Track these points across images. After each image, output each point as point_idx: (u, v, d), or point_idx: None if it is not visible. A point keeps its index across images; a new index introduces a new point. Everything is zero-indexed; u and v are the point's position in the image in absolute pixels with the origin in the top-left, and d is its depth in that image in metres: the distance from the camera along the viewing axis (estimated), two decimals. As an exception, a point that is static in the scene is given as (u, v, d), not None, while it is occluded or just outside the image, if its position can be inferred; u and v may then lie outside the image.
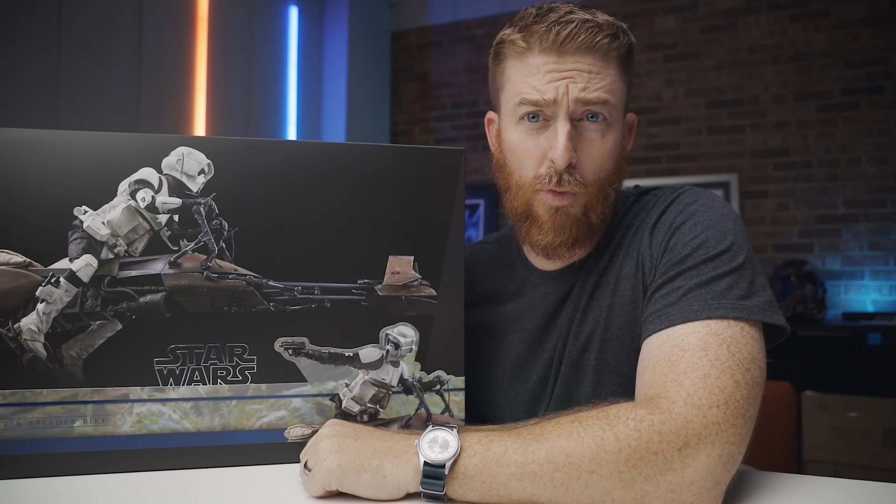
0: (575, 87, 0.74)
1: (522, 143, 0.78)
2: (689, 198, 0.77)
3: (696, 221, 0.73)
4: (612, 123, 0.77)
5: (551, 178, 0.75)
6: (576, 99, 0.74)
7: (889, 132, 2.92)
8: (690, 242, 0.72)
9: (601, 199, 0.78)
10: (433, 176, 0.76)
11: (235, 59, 3.04)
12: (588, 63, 0.74)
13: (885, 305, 2.89)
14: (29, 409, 0.66)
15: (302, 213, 0.72)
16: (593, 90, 0.74)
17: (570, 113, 0.74)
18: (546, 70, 0.75)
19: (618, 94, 0.76)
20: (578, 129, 0.76)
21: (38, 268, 0.66)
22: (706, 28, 3.26)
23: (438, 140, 3.78)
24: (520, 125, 0.78)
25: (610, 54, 0.75)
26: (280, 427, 0.71)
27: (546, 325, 0.85)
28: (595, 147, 0.76)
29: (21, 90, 2.16)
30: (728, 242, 0.70)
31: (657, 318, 0.68)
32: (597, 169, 0.77)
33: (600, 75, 0.75)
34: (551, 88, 0.74)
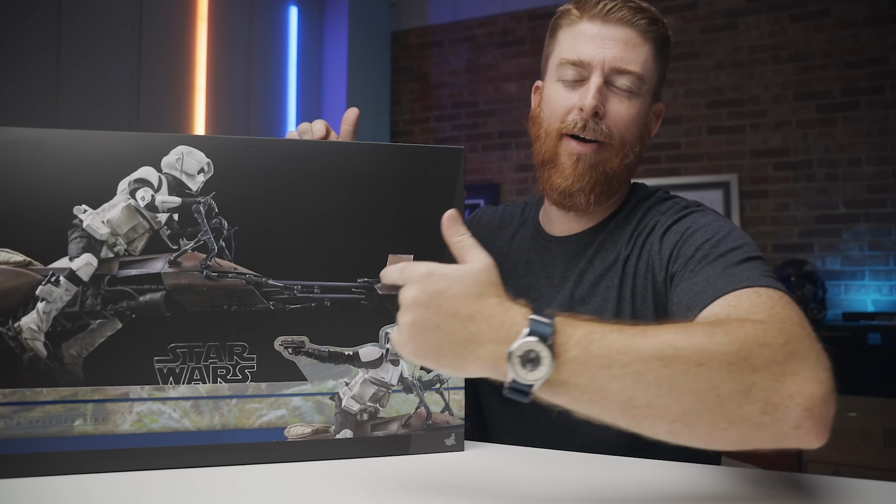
0: (611, 54, 0.83)
1: (557, 95, 0.86)
2: (701, 215, 0.83)
3: (710, 228, 0.78)
4: (640, 95, 0.85)
5: (577, 123, 0.83)
6: (611, 65, 0.83)
7: (889, 132, 2.92)
8: (710, 240, 0.76)
9: (620, 156, 0.85)
10: (433, 175, 0.76)
11: (235, 59, 3.04)
12: (627, 35, 0.84)
13: (885, 305, 2.89)
14: (29, 408, 0.66)
15: (302, 212, 0.72)
16: (627, 61, 0.83)
17: (604, 74, 0.83)
18: (590, 35, 0.84)
19: (649, 71, 0.85)
20: (610, 90, 0.84)
21: (38, 267, 0.66)
22: (706, 28, 3.26)
23: (438, 140, 3.78)
24: (560, 83, 0.87)
25: (647, 35, 0.85)
26: (280, 426, 0.71)
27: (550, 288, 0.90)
28: (623, 106, 0.84)
29: (21, 90, 2.16)
30: (740, 243, 0.75)
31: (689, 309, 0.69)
32: (622, 125, 0.84)
33: (636, 50, 0.84)
34: (590, 51, 0.83)
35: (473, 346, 0.54)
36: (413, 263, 0.58)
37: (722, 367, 0.51)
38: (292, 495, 0.61)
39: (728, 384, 0.51)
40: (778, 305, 0.62)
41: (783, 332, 0.55)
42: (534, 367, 0.52)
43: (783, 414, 0.51)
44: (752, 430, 0.52)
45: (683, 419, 0.51)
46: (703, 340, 0.52)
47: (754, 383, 0.51)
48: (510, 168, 3.62)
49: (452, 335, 0.54)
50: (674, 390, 0.51)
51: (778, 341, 0.54)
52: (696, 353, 0.52)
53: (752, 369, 0.52)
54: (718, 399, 0.51)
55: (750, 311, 0.62)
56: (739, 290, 0.66)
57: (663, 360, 0.51)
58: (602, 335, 0.53)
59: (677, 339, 0.52)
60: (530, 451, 0.75)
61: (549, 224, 0.95)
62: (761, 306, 0.62)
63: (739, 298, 0.65)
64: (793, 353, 0.53)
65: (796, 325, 0.58)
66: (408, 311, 0.56)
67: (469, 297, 0.55)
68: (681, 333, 0.53)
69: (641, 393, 0.51)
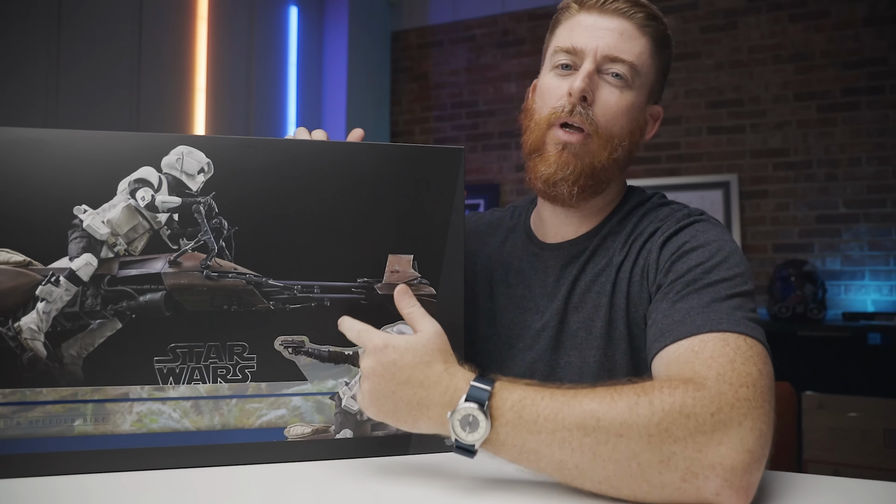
0: (605, 43, 0.82)
1: (549, 84, 0.85)
2: (703, 227, 0.80)
3: (708, 249, 0.76)
4: (633, 88, 0.83)
5: (564, 108, 0.81)
6: (604, 53, 0.81)
7: (889, 132, 2.92)
8: (704, 265, 0.74)
9: (608, 150, 0.82)
10: (433, 175, 0.76)
11: (235, 59, 3.04)
12: (622, 26, 0.83)
13: (885, 305, 2.89)
14: (29, 408, 0.66)
15: (302, 212, 0.72)
16: (621, 50, 0.82)
17: (596, 62, 0.81)
18: (586, 25, 0.83)
19: (644, 65, 0.83)
20: (601, 79, 0.82)
21: (37, 267, 0.66)
22: (706, 28, 3.26)
23: (438, 140, 3.78)
24: (553, 71, 0.85)
25: (644, 29, 0.83)
26: (280, 426, 0.71)
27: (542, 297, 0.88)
28: (613, 97, 0.82)
29: (21, 90, 2.16)
30: (734, 272, 0.73)
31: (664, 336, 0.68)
32: (610, 116, 0.82)
33: (631, 41, 0.82)
34: (583, 39, 0.82)
35: (424, 409, 0.62)
36: (370, 332, 0.67)
37: (641, 439, 0.55)
38: (292, 495, 0.61)
39: (647, 454, 0.55)
40: (740, 360, 0.61)
41: (717, 400, 0.57)
42: (472, 430, 0.59)
43: (703, 483, 0.54)
44: (675, 494, 0.55)
45: (609, 483, 0.56)
46: (625, 412, 0.56)
47: (675, 453, 0.55)
48: (510, 168, 3.62)
49: (406, 400, 0.63)
50: (597, 458, 0.56)
51: (708, 411, 0.56)
52: (616, 424, 0.56)
53: (673, 440, 0.55)
54: (639, 467, 0.55)
55: (706, 364, 0.61)
56: (710, 333, 0.65)
57: (585, 429, 0.56)
58: (533, 401, 0.59)
59: (600, 410, 0.57)
60: (530, 451, 0.75)
61: (542, 230, 0.93)
62: (722, 358, 0.61)
63: (704, 345, 0.64)
64: (722, 423, 0.56)
65: (745, 385, 0.59)
66: (367, 380, 0.65)
67: (419, 366, 0.63)
68: (605, 403, 0.57)
69: (568, 457, 0.57)
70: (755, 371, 0.61)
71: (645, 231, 0.84)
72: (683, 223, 0.81)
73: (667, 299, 0.73)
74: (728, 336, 0.64)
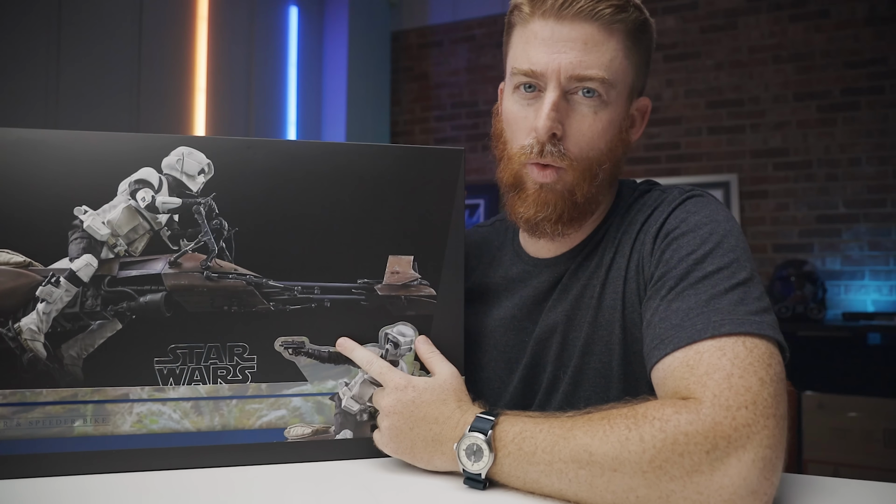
0: (567, 60, 0.71)
1: (514, 113, 0.77)
2: (693, 206, 0.74)
3: (700, 233, 0.70)
4: (609, 102, 0.73)
5: (533, 147, 0.73)
6: (568, 73, 0.71)
7: (889, 132, 2.92)
8: (696, 252, 0.68)
9: (588, 178, 0.75)
10: (433, 176, 0.76)
11: (235, 59, 3.04)
12: (586, 32, 0.71)
13: (885, 305, 2.89)
14: (29, 409, 0.66)
15: (302, 213, 0.72)
16: (587, 65, 0.71)
17: (561, 85, 0.72)
18: (542, 37, 0.72)
19: (618, 71, 0.73)
20: (570, 102, 0.73)
21: (38, 267, 0.67)
22: (706, 28, 3.26)
23: (438, 140, 3.78)
24: (515, 94, 0.76)
25: (614, 26, 0.72)
26: (280, 426, 0.71)
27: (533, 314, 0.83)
28: (585, 122, 0.73)
29: (21, 90, 2.16)
30: (730, 258, 0.67)
31: (662, 343, 0.64)
32: (584, 145, 0.74)
33: (599, 48, 0.71)
34: (543, 59, 0.72)
35: (438, 445, 0.65)
36: (392, 372, 0.70)
37: (636, 475, 0.55)
38: (292, 496, 0.61)
39: (644, 489, 0.55)
40: (738, 373, 0.57)
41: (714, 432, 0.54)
42: (477, 460, 0.61)
43: None
44: None
45: None
46: (616, 447, 0.56)
47: (673, 491, 0.54)
48: (510, 168, 3.62)
49: (422, 437, 0.66)
50: (594, 489, 0.57)
51: (703, 449, 0.54)
52: (609, 459, 0.56)
53: (670, 478, 0.54)
54: (637, 500, 0.55)
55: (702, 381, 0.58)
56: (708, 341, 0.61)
57: (579, 462, 0.57)
58: (532, 434, 0.60)
59: (592, 445, 0.57)
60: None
61: (533, 245, 0.85)
62: (717, 374, 0.58)
63: (700, 357, 0.60)
64: (719, 460, 0.54)
65: (743, 406, 0.55)
66: (387, 417, 0.68)
67: (435, 403, 0.67)
68: (597, 438, 0.57)
69: (566, 487, 0.58)
70: (755, 383, 0.57)
71: (635, 221, 0.78)
72: (674, 204, 0.75)
73: (659, 297, 0.68)
74: (726, 343, 0.60)
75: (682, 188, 0.79)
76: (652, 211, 0.77)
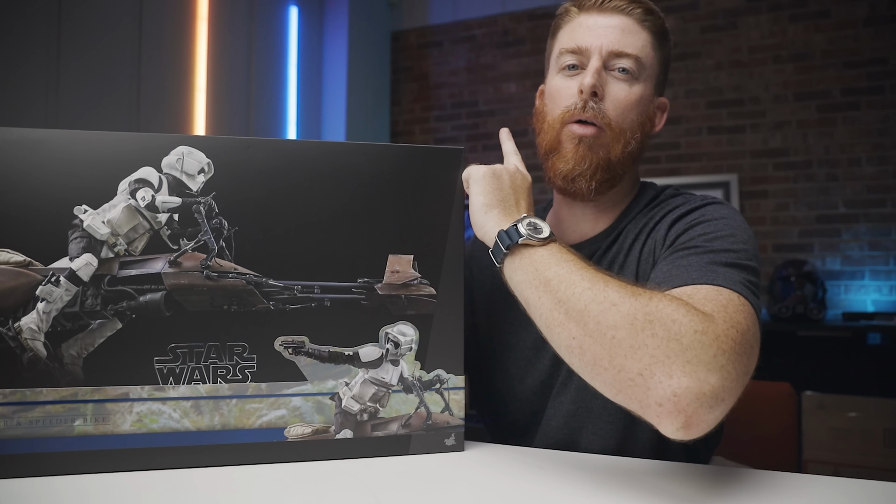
0: (608, 39, 0.84)
1: (558, 86, 0.88)
2: (714, 208, 0.82)
3: (716, 223, 0.77)
4: (640, 80, 0.86)
5: (577, 104, 0.84)
6: (609, 49, 0.84)
7: (889, 132, 2.92)
8: (708, 234, 0.75)
9: (622, 142, 0.85)
10: (433, 175, 0.76)
11: (235, 59, 3.04)
12: (623, 22, 0.85)
13: (885, 305, 2.89)
14: (29, 408, 0.66)
15: (302, 212, 0.72)
16: (625, 45, 0.84)
17: (603, 58, 0.84)
18: (587, 25, 0.86)
19: (648, 57, 0.86)
20: (609, 75, 0.85)
21: (38, 267, 0.67)
22: (706, 28, 3.26)
23: (438, 140, 3.78)
24: (560, 73, 0.88)
25: (644, 23, 0.86)
26: (280, 426, 0.71)
27: None
28: (621, 92, 0.85)
29: (21, 90, 2.16)
30: (739, 248, 0.73)
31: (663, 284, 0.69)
32: (620, 111, 0.84)
33: (633, 35, 0.85)
34: (588, 39, 0.85)
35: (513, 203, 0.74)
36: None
37: (627, 316, 0.58)
38: (292, 495, 0.61)
39: (625, 332, 0.57)
40: (731, 308, 0.61)
41: (707, 324, 0.57)
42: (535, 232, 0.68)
43: (653, 385, 0.54)
44: (625, 385, 0.56)
45: (580, 341, 0.60)
46: (627, 291, 0.60)
47: (646, 345, 0.56)
48: (510, 168, 3.62)
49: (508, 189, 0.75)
50: (586, 313, 0.60)
51: (693, 327, 0.56)
52: (616, 295, 0.59)
53: (651, 334, 0.56)
54: (612, 340, 0.57)
55: (700, 303, 0.61)
56: (705, 285, 0.65)
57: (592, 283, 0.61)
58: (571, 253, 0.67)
59: (611, 280, 0.62)
60: (530, 451, 0.75)
61: (560, 230, 0.94)
62: (713, 303, 0.62)
63: (697, 290, 0.65)
64: (699, 343, 0.55)
65: (734, 328, 0.58)
66: (489, 167, 0.76)
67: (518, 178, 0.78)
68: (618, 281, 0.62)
69: (566, 299, 0.61)
70: (744, 323, 0.60)
71: (656, 216, 0.86)
72: (696, 205, 0.83)
73: (665, 261, 0.75)
74: (722, 289, 0.64)
75: (707, 196, 0.87)
76: (674, 207, 0.86)
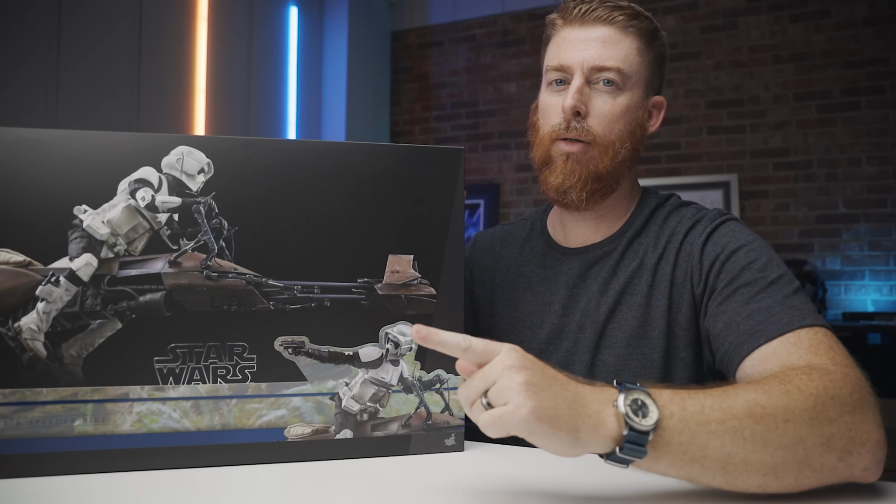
0: (589, 54, 0.85)
1: (547, 103, 0.89)
2: (736, 227, 0.84)
3: (751, 249, 0.80)
4: (626, 89, 0.86)
5: (561, 124, 0.85)
6: (590, 65, 0.84)
7: (889, 132, 2.92)
8: (755, 263, 0.78)
9: (610, 154, 0.85)
10: (433, 175, 0.76)
11: (235, 59, 3.04)
12: (604, 33, 0.85)
13: (885, 305, 2.89)
14: (29, 408, 0.66)
15: (302, 213, 0.72)
16: (606, 58, 0.84)
17: (585, 75, 0.85)
18: (570, 39, 0.87)
19: (633, 65, 0.86)
20: (593, 89, 0.86)
21: (38, 267, 0.66)
22: (706, 28, 3.26)
23: (438, 140, 3.78)
24: (548, 88, 0.89)
25: (627, 30, 0.86)
26: (280, 426, 0.71)
27: (568, 300, 0.90)
28: (606, 106, 0.85)
29: (21, 90, 2.16)
30: (783, 269, 0.78)
31: (752, 337, 0.71)
32: (606, 124, 0.85)
33: (615, 46, 0.85)
34: (570, 55, 0.86)
35: (580, 406, 0.53)
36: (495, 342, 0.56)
37: (805, 423, 0.56)
38: (292, 495, 0.61)
39: (811, 437, 0.56)
40: (835, 347, 0.67)
41: (848, 381, 0.61)
42: (644, 414, 0.52)
43: (856, 460, 0.58)
44: (830, 475, 0.57)
45: (775, 472, 0.55)
46: (784, 399, 0.57)
47: (833, 434, 0.57)
48: (510, 168, 3.62)
49: (561, 395, 0.53)
50: (767, 445, 0.55)
51: (845, 391, 0.59)
52: (781, 410, 0.56)
53: (829, 421, 0.57)
54: (804, 451, 0.56)
55: (811, 353, 0.66)
56: (800, 329, 0.69)
57: (754, 417, 0.55)
58: (690, 395, 0.55)
59: (761, 398, 0.57)
60: (530, 451, 0.75)
61: (563, 234, 0.94)
62: (821, 347, 0.67)
63: (799, 338, 0.69)
64: (859, 401, 0.59)
65: (852, 367, 0.64)
66: (518, 371, 0.52)
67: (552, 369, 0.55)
68: (761, 393, 0.57)
69: (738, 449, 0.54)
70: (847, 355, 0.66)
71: (678, 230, 0.87)
72: (717, 222, 0.84)
73: (734, 301, 0.76)
74: (814, 330, 0.69)
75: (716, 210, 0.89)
76: (694, 224, 0.86)
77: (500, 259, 0.99)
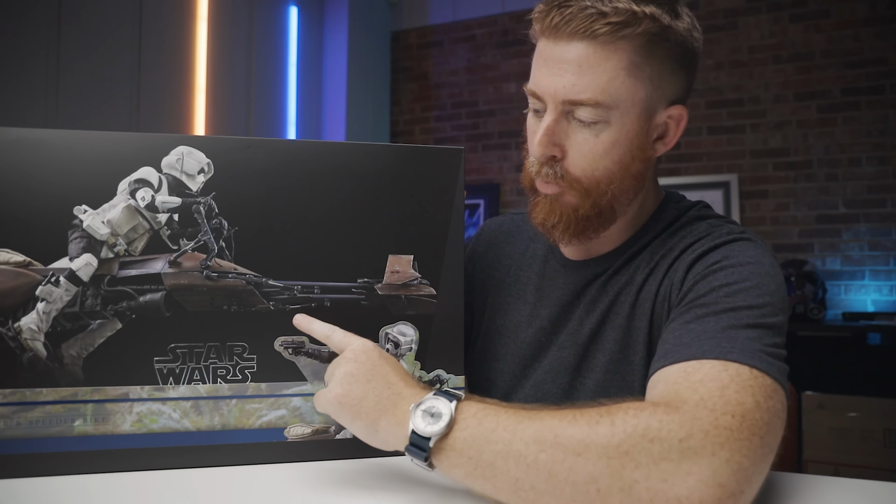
0: (562, 84, 0.69)
1: (529, 127, 0.78)
2: (741, 247, 0.71)
3: (740, 271, 0.67)
4: (612, 123, 0.70)
5: (534, 165, 0.75)
6: (563, 97, 0.70)
7: (889, 132, 2.92)
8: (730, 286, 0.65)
9: (592, 197, 0.73)
10: (433, 175, 0.76)
11: (235, 58, 3.04)
12: (581, 53, 0.68)
13: (885, 305, 2.89)
14: (29, 409, 0.66)
15: (302, 213, 0.72)
16: (581, 90, 0.69)
17: (557, 109, 0.71)
18: (544, 57, 0.71)
19: (620, 90, 0.69)
20: (571, 123, 0.71)
21: (38, 267, 0.67)
22: (706, 28, 3.25)
23: (438, 140, 3.78)
24: (531, 109, 0.77)
25: (615, 44, 0.68)
26: (280, 426, 0.71)
27: (559, 318, 0.82)
28: (587, 145, 0.71)
29: (21, 90, 2.16)
30: (763, 301, 0.64)
31: (665, 357, 0.61)
32: (586, 166, 0.72)
33: (594, 70, 0.68)
34: (543, 81, 0.71)
35: (391, 406, 0.59)
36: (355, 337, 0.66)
37: (600, 460, 0.50)
38: (292, 496, 0.61)
39: (607, 479, 0.50)
40: (734, 387, 0.54)
41: (692, 424, 0.51)
42: (434, 422, 0.56)
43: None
44: None
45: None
46: (584, 430, 0.52)
47: (637, 481, 0.49)
48: (510, 168, 3.62)
49: (375, 393, 0.60)
50: (553, 478, 0.51)
51: (676, 436, 0.50)
52: (574, 442, 0.51)
53: (635, 465, 0.49)
54: (598, 494, 0.50)
55: (691, 387, 0.55)
56: (711, 360, 0.57)
57: (541, 444, 0.52)
58: (495, 413, 0.56)
59: (559, 426, 0.53)
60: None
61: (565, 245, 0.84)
62: (712, 383, 0.55)
63: (700, 367, 0.57)
64: (691, 450, 0.49)
65: (729, 414, 0.52)
66: (347, 363, 0.63)
67: (399, 370, 0.63)
68: (566, 420, 0.53)
69: (524, 475, 0.52)
70: (750, 402, 0.53)
71: (675, 248, 0.75)
72: (721, 240, 0.72)
73: (682, 318, 0.65)
74: (730, 364, 0.56)
75: (735, 227, 0.76)
76: (696, 240, 0.74)
77: (501, 258, 0.92)
